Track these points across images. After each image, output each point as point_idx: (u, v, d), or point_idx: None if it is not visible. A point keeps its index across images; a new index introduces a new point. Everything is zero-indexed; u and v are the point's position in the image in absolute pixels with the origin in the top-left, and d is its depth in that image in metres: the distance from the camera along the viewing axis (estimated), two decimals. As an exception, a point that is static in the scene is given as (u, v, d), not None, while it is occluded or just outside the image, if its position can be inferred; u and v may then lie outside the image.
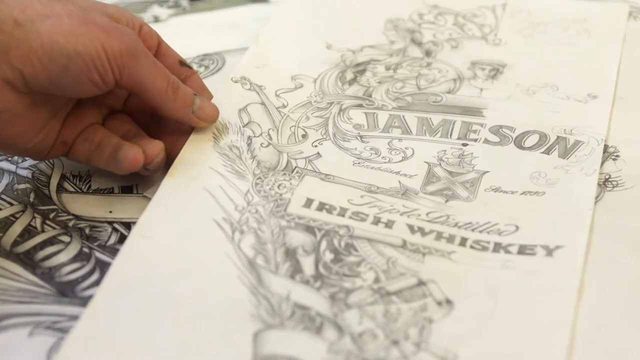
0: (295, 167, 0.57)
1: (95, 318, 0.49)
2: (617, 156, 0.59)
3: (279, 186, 0.56)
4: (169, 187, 0.55)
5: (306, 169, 0.57)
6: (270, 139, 0.59)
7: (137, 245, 0.52)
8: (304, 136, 0.60)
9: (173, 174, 0.56)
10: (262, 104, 0.62)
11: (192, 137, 0.58)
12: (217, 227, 0.53)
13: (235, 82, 0.63)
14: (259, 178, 0.56)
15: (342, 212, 0.55)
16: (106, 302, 0.50)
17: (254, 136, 0.59)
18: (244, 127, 0.59)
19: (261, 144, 0.59)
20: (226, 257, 0.52)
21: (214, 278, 0.51)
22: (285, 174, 0.57)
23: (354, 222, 0.54)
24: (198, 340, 0.48)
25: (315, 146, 0.59)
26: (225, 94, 0.61)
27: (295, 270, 0.51)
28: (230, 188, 0.55)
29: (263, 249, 0.52)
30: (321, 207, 0.55)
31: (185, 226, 0.53)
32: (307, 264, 0.52)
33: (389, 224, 0.54)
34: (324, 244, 0.53)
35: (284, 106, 0.62)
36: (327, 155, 0.59)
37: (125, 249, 0.52)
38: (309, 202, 0.55)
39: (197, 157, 0.57)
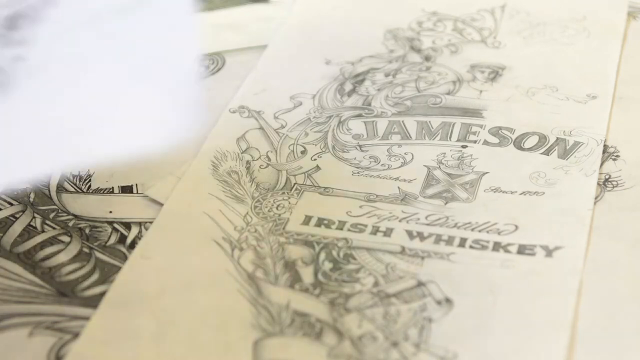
0: (294, 184, 0.57)
1: (94, 334, 0.49)
2: (617, 156, 0.58)
3: (277, 207, 0.56)
4: (168, 213, 0.56)
5: (305, 184, 0.57)
6: (269, 160, 0.59)
7: (137, 264, 0.53)
8: (303, 152, 0.60)
9: (173, 201, 0.56)
10: (261, 128, 0.61)
11: (192, 168, 0.58)
12: (216, 246, 0.53)
13: (233, 112, 0.63)
14: (258, 201, 0.56)
15: (341, 226, 0.54)
16: (105, 319, 0.50)
17: (253, 160, 0.59)
18: (242, 153, 0.59)
19: (260, 166, 0.59)
20: (226, 273, 0.52)
21: (214, 293, 0.51)
22: (284, 192, 0.57)
23: (353, 234, 0.54)
24: (197, 352, 0.48)
25: (315, 159, 0.59)
26: (223, 126, 0.62)
27: (295, 280, 0.51)
28: (229, 211, 0.55)
29: (262, 263, 0.52)
30: (320, 222, 0.55)
31: (184, 246, 0.54)
32: (306, 274, 0.52)
33: (387, 232, 0.54)
34: (322, 255, 0.53)
35: (283, 127, 0.62)
36: (326, 167, 0.59)
37: (125, 269, 0.52)
38: (307, 219, 0.55)
39: (196, 185, 0.57)
